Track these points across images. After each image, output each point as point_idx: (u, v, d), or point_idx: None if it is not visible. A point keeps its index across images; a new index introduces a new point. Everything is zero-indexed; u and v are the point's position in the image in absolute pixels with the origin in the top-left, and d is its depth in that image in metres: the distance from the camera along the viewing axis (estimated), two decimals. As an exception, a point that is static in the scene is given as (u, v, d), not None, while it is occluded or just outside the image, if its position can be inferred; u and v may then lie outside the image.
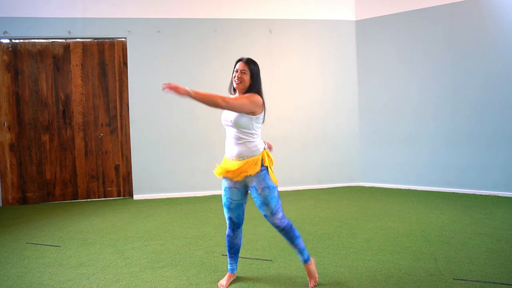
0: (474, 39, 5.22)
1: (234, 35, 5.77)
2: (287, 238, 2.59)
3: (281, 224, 2.54)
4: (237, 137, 2.48)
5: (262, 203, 2.49)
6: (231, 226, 2.63)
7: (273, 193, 2.50)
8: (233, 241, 2.66)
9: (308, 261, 2.65)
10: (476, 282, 2.60)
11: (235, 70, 2.52)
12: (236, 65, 2.53)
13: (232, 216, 2.60)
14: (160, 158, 5.65)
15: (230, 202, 2.56)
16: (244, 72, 2.48)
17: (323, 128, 5.98)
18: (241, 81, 2.48)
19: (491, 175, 5.13)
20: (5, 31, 5.30)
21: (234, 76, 2.51)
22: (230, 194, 2.56)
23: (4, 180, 5.43)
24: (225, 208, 2.60)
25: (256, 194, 2.49)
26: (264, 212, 2.53)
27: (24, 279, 2.85)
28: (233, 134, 2.49)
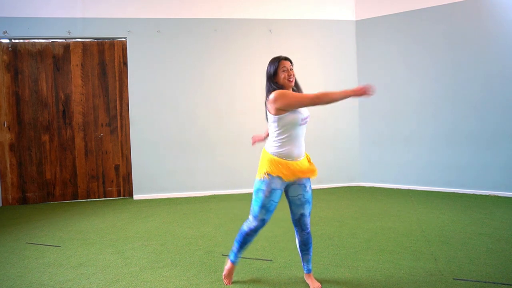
0: (474, 39, 5.22)
1: (234, 35, 5.77)
2: (307, 242, 2.60)
3: (310, 226, 2.59)
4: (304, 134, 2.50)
5: (307, 201, 2.51)
6: (260, 227, 2.54)
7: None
8: (251, 238, 2.60)
9: (311, 271, 2.68)
10: (476, 282, 2.60)
11: (283, 69, 2.47)
12: (279, 64, 2.48)
13: (266, 218, 2.50)
14: (160, 158, 5.65)
15: (271, 204, 2.46)
16: (291, 69, 2.51)
17: (323, 128, 5.98)
18: (294, 77, 2.51)
19: (491, 175, 5.13)
20: (5, 31, 5.30)
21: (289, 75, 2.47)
22: (274, 196, 2.45)
23: (4, 180, 5.43)
24: (263, 209, 2.47)
25: (302, 192, 2.49)
26: (303, 211, 2.52)
27: (24, 279, 2.85)
28: (305, 131, 2.50)
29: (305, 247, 2.60)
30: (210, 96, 5.72)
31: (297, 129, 2.43)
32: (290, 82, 2.47)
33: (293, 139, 2.44)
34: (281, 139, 2.44)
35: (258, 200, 2.47)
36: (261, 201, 2.46)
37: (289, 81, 2.46)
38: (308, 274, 2.66)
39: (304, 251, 2.61)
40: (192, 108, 5.67)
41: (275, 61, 2.50)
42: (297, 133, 2.44)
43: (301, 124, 2.43)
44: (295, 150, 2.44)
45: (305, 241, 2.58)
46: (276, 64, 2.49)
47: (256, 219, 2.51)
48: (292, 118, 2.39)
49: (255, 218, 2.51)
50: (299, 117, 2.41)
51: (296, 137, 2.44)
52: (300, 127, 2.44)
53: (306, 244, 2.59)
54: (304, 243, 2.59)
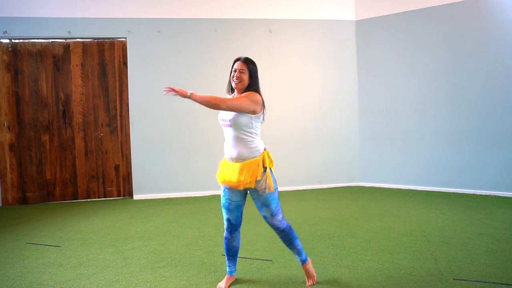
0: (474, 39, 5.21)
1: (234, 35, 5.76)
2: (286, 239, 2.58)
3: (281, 225, 2.53)
4: (237, 138, 2.44)
5: (263, 204, 2.48)
6: (228, 228, 2.59)
7: (273, 195, 2.48)
8: (231, 243, 2.63)
9: (306, 261, 2.66)
10: (476, 282, 2.60)
11: (233, 70, 2.49)
12: (234, 64, 2.51)
13: (230, 218, 2.56)
14: (160, 158, 5.65)
15: (229, 203, 2.53)
16: (243, 72, 2.46)
17: (323, 128, 5.98)
18: (240, 80, 2.46)
19: (491, 175, 5.13)
20: (5, 31, 5.30)
21: (233, 76, 2.49)
22: (229, 195, 2.52)
23: (4, 180, 5.43)
24: (223, 209, 2.57)
25: (256, 196, 2.47)
26: (264, 214, 2.52)
27: (24, 279, 2.85)
28: (232, 134, 2.45)
29: (287, 243, 2.61)
30: (210, 96, 5.71)
31: (224, 129, 2.52)
32: (235, 84, 2.49)
33: (225, 137, 2.54)
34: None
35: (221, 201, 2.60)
36: (221, 201, 2.59)
37: (234, 81, 2.49)
38: (304, 265, 2.66)
39: (288, 245, 2.62)
40: (192, 108, 5.66)
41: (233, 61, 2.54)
42: (224, 133, 2.52)
43: (222, 125, 2.51)
44: (226, 149, 2.53)
45: (283, 237, 2.59)
46: (232, 63, 2.54)
47: (224, 220, 2.61)
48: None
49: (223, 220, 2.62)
50: (219, 118, 2.51)
51: (225, 136, 2.53)
52: (224, 128, 2.50)
53: (286, 240, 2.60)
54: (283, 239, 2.60)
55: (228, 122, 2.43)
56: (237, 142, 2.44)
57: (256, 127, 2.48)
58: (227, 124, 2.45)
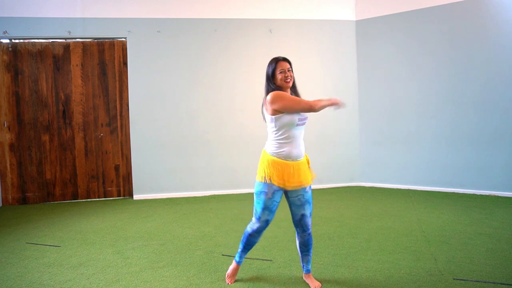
0: (474, 39, 5.22)
1: (234, 35, 5.77)
2: (308, 243, 2.60)
3: (311, 227, 2.59)
4: (302, 135, 2.52)
5: (306, 201, 2.51)
6: (263, 228, 2.55)
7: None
8: (255, 240, 2.62)
9: (310, 271, 2.68)
10: (476, 282, 2.60)
11: (281, 71, 2.47)
12: (276, 65, 2.49)
13: (270, 218, 2.53)
14: (160, 158, 5.65)
15: (274, 205, 2.49)
16: (290, 70, 2.51)
17: (323, 128, 5.98)
18: (291, 79, 2.50)
19: (491, 175, 5.13)
20: (5, 31, 5.30)
21: (286, 76, 2.47)
22: (276, 197, 2.48)
23: (4, 180, 5.43)
24: (266, 210, 2.49)
25: (302, 192, 2.49)
26: (303, 212, 2.51)
27: (24, 279, 2.85)
28: (303, 132, 2.52)
29: (305, 248, 2.60)
30: (210, 96, 5.72)
31: (294, 129, 2.44)
32: (287, 83, 2.48)
33: (291, 139, 2.44)
34: (280, 140, 2.45)
35: (260, 202, 2.48)
36: (263, 202, 2.47)
37: (286, 82, 2.47)
38: (307, 275, 2.67)
39: (304, 251, 2.62)
40: (192, 108, 5.67)
41: (273, 62, 2.51)
42: (294, 134, 2.45)
43: (298, 124, 2.44)
44: (293, 150, 2.45)
45: (306, 242, 2.58)
46: (273, 65, 2.50)
47: (259, 220, 2.53)
48: (289, 119, 2.41)
49: (258, 220, 2.53)
50: (296, 118, 2.42)
51: (294, 137, 2.45)
52: (298, 127, 2.45)
53: (306, 245, 2.59)
54: (305, 244, 2.59)
55: (306, 120, 2.49)
56: (302, 140, 2.52)
57: None
58: (303, 123, 2.49)
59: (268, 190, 2.45)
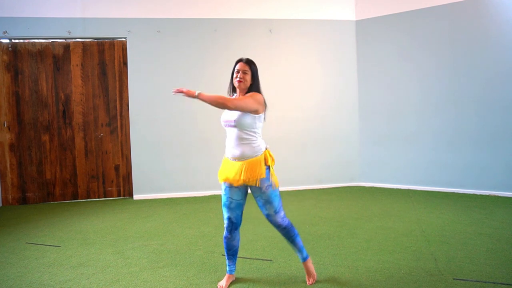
0: (474, 39, 5.22)
1: (234, 35, 5.76)
2: (288, 236, 2.61)
3: (283, 222, 2.56)
4: (240, 137, 2.47)
5: (266, 201, 2.51)
6: (229, 227, 2.60)
7: (275, 192, 2.52)
8: (231, 243, 2.64)
9: (307, 259, 2.69)
10: (476, 282, 2.60)
11: (236, 71, 2.53)
12: (235, 65, 2.55)
13: (231, 216, 2.58)
14: (160, 158, 5.65)
15: (230, 201, 2.56)
16: (246, 72, 2.51)
17: (323, 128, 5.98)
18: (243, 81, 2.50)
19: (491, 175, 5.13)
20: (5, 31, 5.30)
21: (236, 77, 2.52)
22: (230, 194, 2.55)
23: (4, 180, 5.43)
24: (224, 207, 2.59)
25: (259, 193, 2.50)
26: (266, 212, 2.54)
27: (24, 279, 2.85)
28: (235, 134, 2.48)
29: (289, 240, 2.64)
30: (210, 96, 5.71)
31: (227, 129, 2.55)
32: (238, 83, 2.52)
33: (227, 138, 2.57)
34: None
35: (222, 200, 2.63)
36: (222, 199, 2.62)
37: (236, 81, 2.52)
38: (305, 263, 2.69)
39: (291, 243, 2.65)
40: (192, 108, 5.67)
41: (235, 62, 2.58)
42: (227, 133, 2.56)
43: (225, 125, 2.54)
44: (228, 149, 2.56)
45: (285, 235, 2.62)
46: (234, 64, 2.57)
47: (224, 218, 2.63)
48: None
49: (224, 219, 2.64)
50: (221, 117, 2.57)
51: (228, 136, 2.56)
52: (228, 128, 2.53)
53: (288, 238, 2.62)
54: (285, 236, 2.63)
55: (233, 122, 2.46)
56: (240, 142, 2.48)
57: (259, 127, 2.53)
58: (231, 125, 2.49)
59: (222, 187, 2.60)
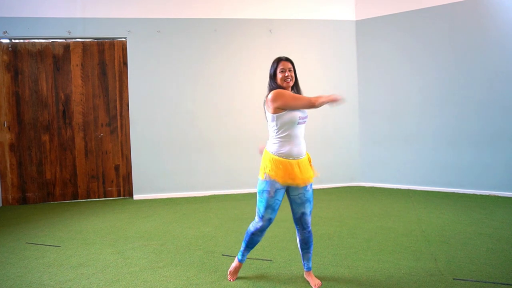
0: (474, 39, 5.22)
1: (234, 35, 5.76)
2: (308, 241, 2.61)
3: (311, 225, 2.60)
4: (303, 133, 2.53)
5: (307, 200, 2.52)
6: (266, 226, 2.58)
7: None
8: (258, 238, 2.65)
9: (311, 269, 2.70)
10: (476, 282, 2.60)
11: (281, 70, 2.51)
12: (278, 64, 2.53)
13: (272, 217, 2.55)
14: (160, 158, 5.65)
15: (277, 203, 2.51)
16: (291, 70, 2.54)
17: (323, 128, 5.98)
18: (292, 79, 2.53)
19: (491, 175, 5.13)
20: (5, 31, 5.30)
21: (284, 76, 2.50)
22: (278, 196, 2.49)
23: (4, 180, 5.43)
24: (268, 209, 2.51)
25: (302, 191, 2.50)
26: (304, 210, 2.53)
27: (24, 279, 2.85)
28: (303, 130, 2.53)
29: (305, 246, 2.62)
30: (210, 96, 5.72)
31: (296, 128, 2.47)
32: (287, 83, 2.50)
33: (292, 138, 2.47)
34: (281, 138, 2.47)
35: (263, 201, 2.51)
36: (266, 201, 2.49)
37: (286, 82, 2.50)
38: (308, 272, 2.69)
39: (305, 249, 2.64)
40: (192, 108, 5.67)
41: (275, 62, 2.55)
42: (295, 132, 2.48)
43: (299, 123, 2.47)
44: (294, 149, 2.47)
45: (306, 239, 2.60)
46: (275, 64, 2.54)
47: (262, 219, 2.55)
48: (290, 117, 2.43)
49: (261, 219, 2.55)
50: (297, 116, 2.45)
51: (295, 136, 2.48)
52: (299, 126, 2.48)
53: (306, 243, 2.61)
54: (305, 241, 2.61)
55: (307, 118, 2.51)
56: (303, 138, 2.53)
57: None
58: (304, 121, 2.51)
59: (270, 189, 2.46)
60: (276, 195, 2.48)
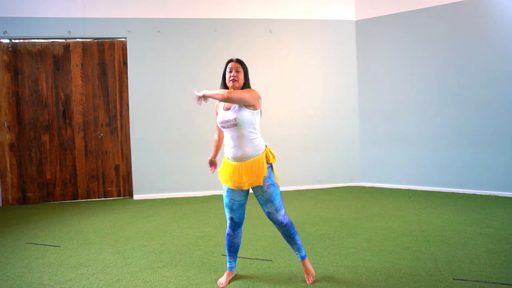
0: (474, 39, 5.22)
1: (234, 35, 5.77)
2: (287, 234, 2.62)
3: (284, 220, 2.57)
4: (240, 136, 2.45)
5: (267, 200, 2.51)
6: (232, 226, 2.64)
7: (277, 190, 2.53)
8: (233, 240, 2.68)
9: (306, 257, 2.70)
10: (476, 282, 2.60)
11: (229, 70, 2.55)
12: (227, 65, 2.57)
13: (233, 216, 2.60)
14: (160, 158, 5.65)
15: (232, 203, 2.57)
16: (238, 71, 2.54)
17: (323, 128, 5.98)
18: (237, 79, 2.52)
19: (491, 175, 5.13)
20: (5, 31, 5.30)
21: (229, 76, 2.53)
22: (232, 195, 2.55)
23: (4, 180, 5.43)
24: (226, 208, 2.61)
25: (260, 192, 2.50)
26: (268, 210, 2.54)
27: (24, 279, 2.85)
28: (236, 134, 2.46)
29: (288, 238, 2.64)
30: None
31: (225, 130, 2.51)
32: (233, 83, 2.52)
33: (227, 139, 2.55)
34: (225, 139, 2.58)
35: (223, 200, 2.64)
36: (223, 200, 2.63)
37: (231, 81, 2.52)
38: (303, 262, 2.70)
39: (290, 241, 2.66)
40: (192, 108, 5.67)
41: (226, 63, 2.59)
42: (226, 134, 2.53)
43: (222, 127, 2.50)
44: (229, 150, 2.54)
45: (285, 233, 2.62)
46: (225, 65, 2.59)
47: (227, 218, 2.65)
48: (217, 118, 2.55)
49: (226, 218, 2.65)
50: (218, 121, 2.54)
51: (227, 138, 2.53)
52: (227, 129, 2.49)
53: (288, 235, 2.63)
54: (285, 234, 2.63)
55: (233, 121, 2.43)
56: (241, 141, 2.46)
57: (258, 123, 2.53)
58: (230, 124, 2.45)
59: (224, 188, 2.59)
60: (229, 194, 2.55)
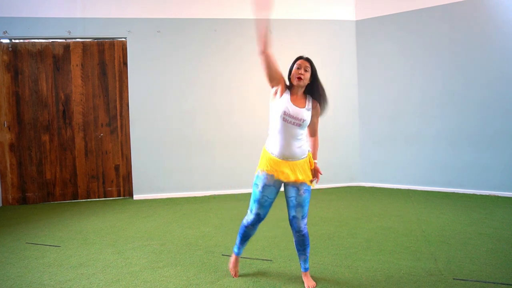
0: (475, 40, 5.22)
1: (234, 34, 5.76)
2: (302, 244, 2.59)
3: (304, 229, 2.55)
4: (298, 138, 2.44)
5: (299, 204, 2.49)
6: (255, 221, 2.58)
7: (309, 197, 2.52)
8: (250, 232, 2.66)
9: (308, 270, 2.68)
10: (476, 282, 2.60)
11: (297, 67, 2.47)
12: (296, 61, 2.51)
13: (261, 213, 2.55)
14: (160, 158, 5.65)
15: (265, 199, 2.51)
16: (307, 70, 2.48)
17: (323, 128, 5.93)
18: (303, 78, 2.45)
19: (491, 175, 5.13)
20: (5, 31, 5.29)
21: (297, 73, 2.45)
22: (267, 192, 2.50)
23: (4, 180, 5.43)
24: (256, 204, 2.53)
25: (294, 194, 2.48)
26: (295, 214, 2.51)
27: (24, 279, 2.85)
28: (295, 134, 2.42)
29: (300, 247, 2.61)
30: (209, 96, 5.72)
31: (280, 123, 2.41)
32: (298, 80, 2.44)
33: (276, 133, 2.45)
34: (270, 130, 2.50)
35: (253, 194, 2.55)
36: (254, 194, 2.54)
37: (297, 78, 2.45)
38: (305, 273, 2.68)
39: (300, 251, 2.63)
40: (192, 108, 5.67)
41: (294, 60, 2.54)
42: (280, 129, 2.43)
43: (283, 119, 2.40)
44: (276, 147, 2.45)
45: (300, 242, 2.59)
46: (293, 62, 2.53)
47: (252, 213, 2.58)
48: (275, 107, 2.44)
49: (251, 212, 2.59)
50: (281, 110, 2.41)
51: (279, 132, 2.43)
52: (289, 125, 2.41)
53: (301, 245, 2.60)
54: (300, 243, 2.60)
55: (301, 122, 2.41)
56: (293, 141, 2.43)
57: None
58: (297, 123, 2.41)
59: (259, 183, 2.49)
60: (265, 191, 2.48)
